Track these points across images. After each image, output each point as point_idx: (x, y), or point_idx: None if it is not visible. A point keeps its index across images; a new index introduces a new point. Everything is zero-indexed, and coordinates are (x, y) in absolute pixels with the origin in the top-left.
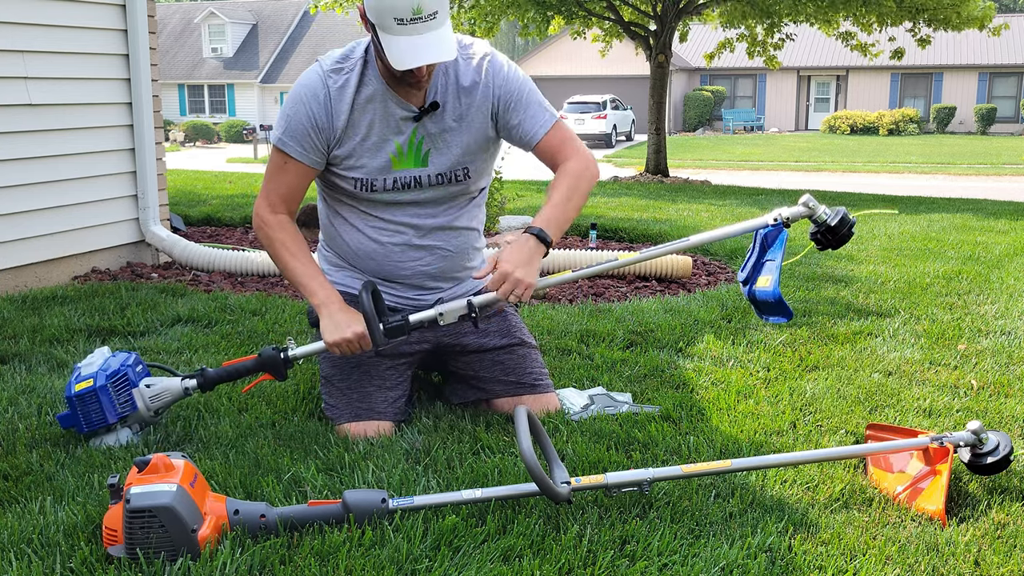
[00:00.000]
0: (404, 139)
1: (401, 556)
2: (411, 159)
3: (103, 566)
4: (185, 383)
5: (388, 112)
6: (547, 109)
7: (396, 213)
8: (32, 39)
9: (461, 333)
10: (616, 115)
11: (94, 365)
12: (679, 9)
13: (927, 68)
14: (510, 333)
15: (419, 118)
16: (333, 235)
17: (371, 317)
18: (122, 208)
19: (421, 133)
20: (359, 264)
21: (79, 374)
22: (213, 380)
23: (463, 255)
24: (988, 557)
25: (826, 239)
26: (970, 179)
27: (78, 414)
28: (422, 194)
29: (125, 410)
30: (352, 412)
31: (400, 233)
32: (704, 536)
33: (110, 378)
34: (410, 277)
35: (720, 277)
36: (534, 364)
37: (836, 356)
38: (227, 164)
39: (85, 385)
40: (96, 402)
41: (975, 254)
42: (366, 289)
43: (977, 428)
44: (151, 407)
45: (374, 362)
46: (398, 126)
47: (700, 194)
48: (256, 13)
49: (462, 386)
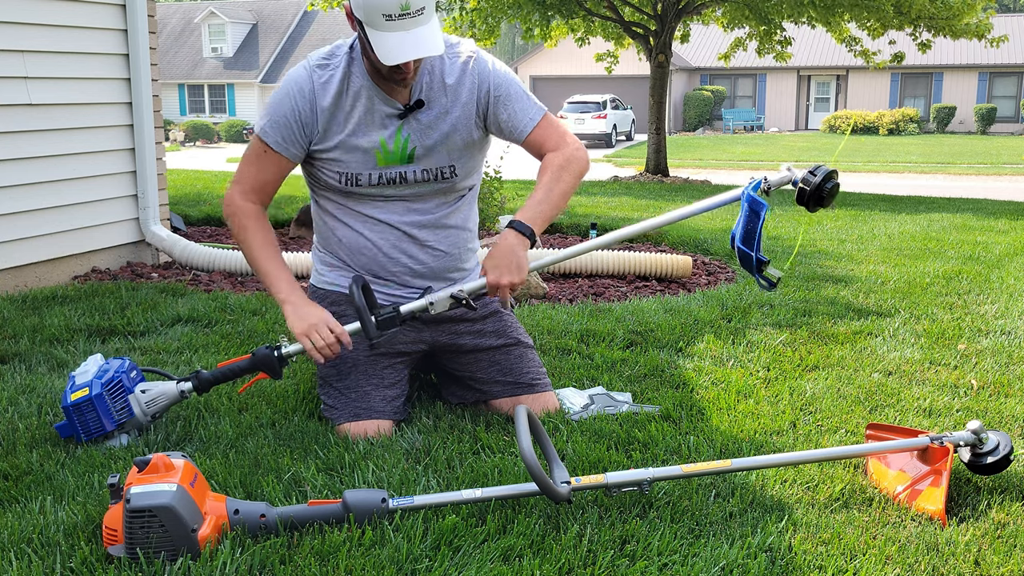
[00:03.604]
0: (389, 135)
1: (401, 556)
2: (396, 156)
3: (103, 566)
4: (181, 386)
5: (373, 109)
6: (535, 103)
7: (385, 209)
8: (32, 39)
9: (457, 333)
10: (616, 115)
11: (88, 373)
12: (679, 9)
13: (927, 68)
14: (506, 333)
15: (404, 115)
16: (326, 234)
17: (362, 309)
18: (122, 208)
19: (407, 130)
20: (352, 261)
21: (73, 383)
22: (208, 382)
23: (456, 256)
24: (988, 557)
25: (814, 196)
26: (970, 179)
27: (75, 424)
28: (409, 190)
29: (122, 417)
30: (350, 412)
31: (391, 230)
32: (704, 536)
33: (105, 386)
34: (400, 275)
35: (720, 277)
36: (531, 364)
37: (836, 356)
38: (227, 164)
39: (81, 395)
40: (93, 411)
41: (975, 254)
42: (356, 283)
43: (977, 428)
44: (148, 412)
45: (371, 361)
46: (383, 123)
47: (700, 194)
48: (256, 13)
49: (459, 387)
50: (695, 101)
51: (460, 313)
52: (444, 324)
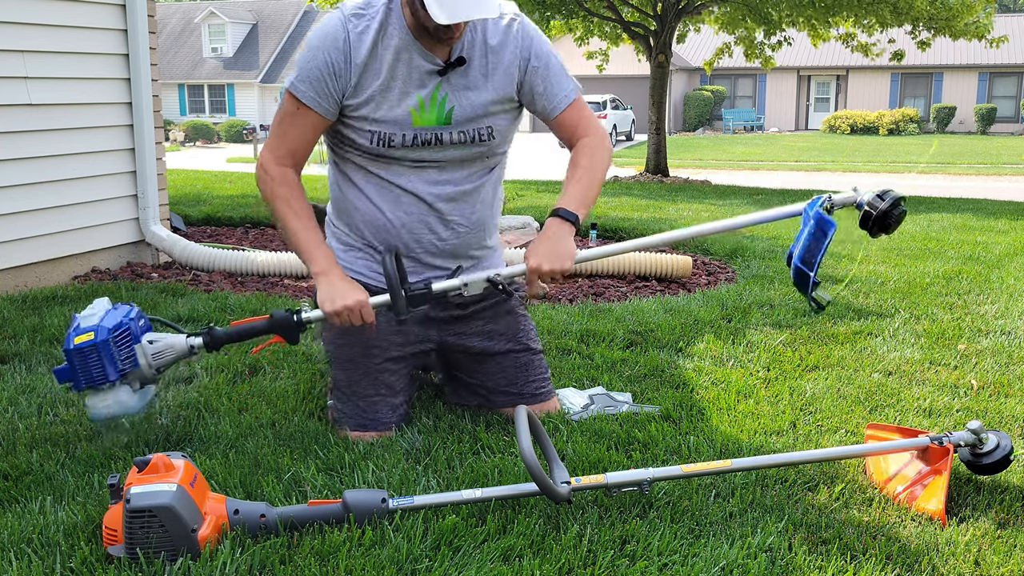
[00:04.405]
0: (427, 93)
1: (401, 556)
2: (433, 115)
3: (103, 566)
4: (191, 341)
5: (412, 64)
6: (572, 80)
7: (414, 178)
8: (32, 39)
9: (466, 334)
10: (616, 115)
11: (94, 317)
12: (679, 9)
13: (927, 68)
14: (516, 338)
15: (444, 72)
16: (343, 206)
17: (394, 282)
18: (122, 208)
19: (445, 88)
20: (372, 236)
21: (78, 325)
22: (221, 340)
23: (479, 231)
24: (988, 557)
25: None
26: (970, 179)
27: (76, 369)
28: (442, 153)
29: (126, 367)
30: (357, 421)
31: (416, 202)
32: (704, 536)
33: (112, 331)
34: (424, 253)
35: (720, 277)
36: (537, 372)
37: (836, 356)
38: (227, 164)
39: (85, 339)
40: (96, 357)
41: (975, 254)
42: (389, 252)
43: (977, 428)
44: (153, 364)
45: (380, 369)
46: (421, 79)
47: (700, 194)
48: (256, 13)
49: (464, 391)
50: (695, 101)
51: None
52: (454, 324)
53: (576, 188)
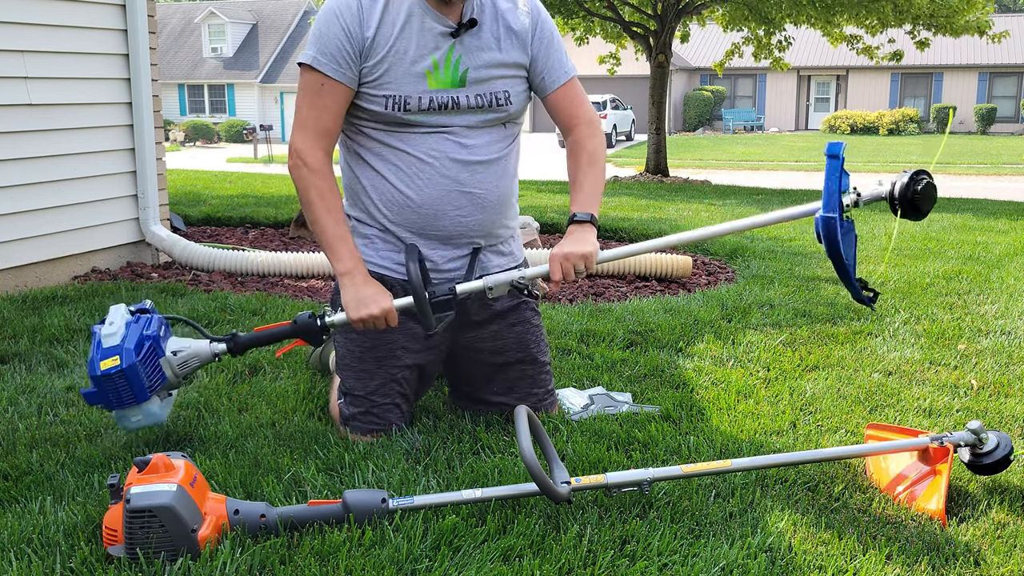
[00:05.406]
0: (441, 55)
1: (401, 556)
2: (448, 77)
3: (103, 566)
4: (214, 347)
5: (424, 27)
6: (570, 60)
7: (432, 146)
8: (32, 39)
9: (479, 339)
10: (616, 115)
11: (116, 336)
12: (679, 9)
13: (927, 68)
14: (526, 348)
15: (456, 33)
16: (356, 188)
17: (421, 296)
18: (122, 208)
19: (459, 50)
20: (392, 217)
21: (100, 345)
22: (244, 345)
23: (502, 207)
24: (988, 557)
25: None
26: (970, 179)
27: (106, 393)
28: (460, 118)
29: (156, 385)
30: (367, 427)
31: (435, 175)
32: (704, 536)
33: (138, 352)
34: (446, 228)
35: (720, 277)
36: (542, 381)
37: (836, 356)
38: (227, 164)
39: (111, 364)
40: (124, 381)
41: (975, 254)
42: (412, 258)
43: (977, 428)
44: (180, 374)
45: (396, 378)
46: (436, 41)
47: (700, 194)
48: (256, 13)
49: (468, 401)
50: (695, 101)
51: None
52: (467, 328)
53: (584, 186)
